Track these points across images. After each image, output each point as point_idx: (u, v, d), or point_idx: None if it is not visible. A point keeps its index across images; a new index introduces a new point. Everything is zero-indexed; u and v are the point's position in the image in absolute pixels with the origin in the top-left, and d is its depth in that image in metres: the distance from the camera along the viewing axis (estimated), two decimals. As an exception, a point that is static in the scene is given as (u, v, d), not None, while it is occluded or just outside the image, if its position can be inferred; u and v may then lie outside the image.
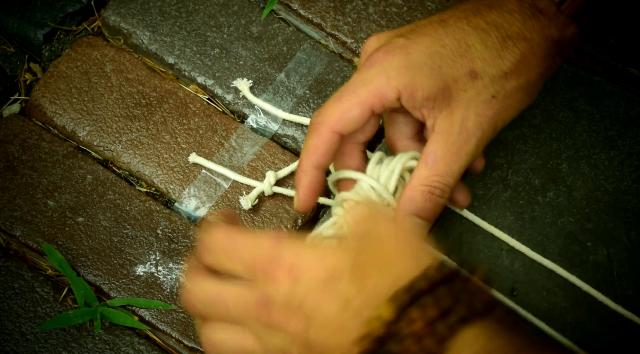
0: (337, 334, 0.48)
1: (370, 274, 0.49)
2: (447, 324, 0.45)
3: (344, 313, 0.48)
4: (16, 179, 0.70)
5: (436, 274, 0.47)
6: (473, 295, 0.47)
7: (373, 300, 0.48)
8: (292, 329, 0.50)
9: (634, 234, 0.68)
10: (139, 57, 0.77)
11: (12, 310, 0.66)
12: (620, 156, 0.71)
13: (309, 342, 0.49)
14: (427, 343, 0.45)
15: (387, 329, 0.46)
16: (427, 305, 0.46)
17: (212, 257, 0.54)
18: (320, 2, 0.78)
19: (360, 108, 0.58)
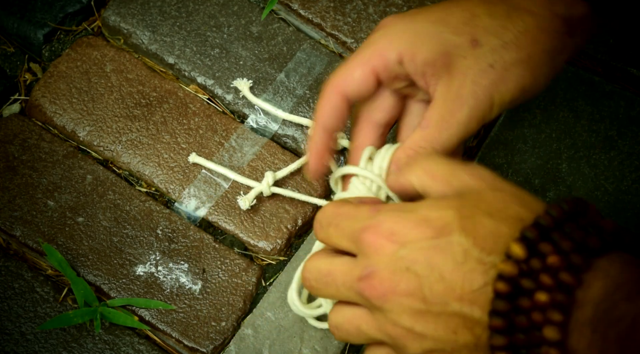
0: (458, 284, 0.47)
1: (482, 223, 0.48)
2: (582, 257, 0.44)
3: (464, 264, 0.47)
4: (16, 179, 0.70)
5: (558, 212, 0.46)
6: (600, 228, 0.46)
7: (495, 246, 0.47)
8: (401, 292, 0.49)
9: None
10: (139, 57, 0.77)
11: (12, 310, 0.66)
12: (620, 156, 0.71)
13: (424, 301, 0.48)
14: (563, 276, 0.44)
15: (519, 267, 0.45)
16: (557, 240, 0.45)
17: (323, 233, 0.54)
18: (320, 2, 0.78)
19: (362, 68, 0.59)
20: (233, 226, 0.70)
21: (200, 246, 0.68)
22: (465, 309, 0.47)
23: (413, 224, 0.49)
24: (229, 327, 0.66)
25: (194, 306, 0.66)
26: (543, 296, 0.44)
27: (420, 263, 0.48)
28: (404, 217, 0.50)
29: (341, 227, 0.53)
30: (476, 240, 0.47)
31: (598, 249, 0.45)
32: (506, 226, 0.47)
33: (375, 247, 0.50)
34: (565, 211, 0.47)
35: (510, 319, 0.45)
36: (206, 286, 0.67)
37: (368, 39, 0.60)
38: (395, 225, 0.50)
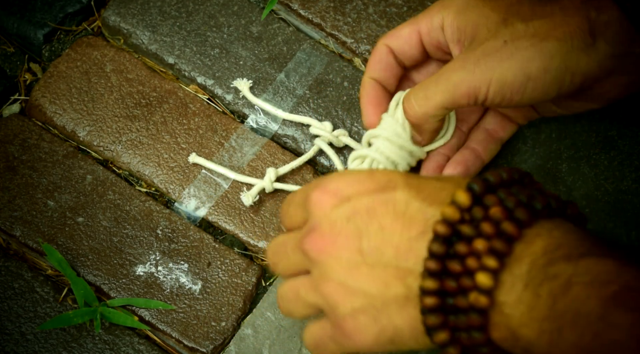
0: (396, 234, 0.47)
1: (427, 182, 0.49)
2: (527, 213, 0.44)
3: (404, 214, 0.47)
4: (16, 179, 0.70)
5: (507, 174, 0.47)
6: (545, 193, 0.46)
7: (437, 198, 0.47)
8: (340, 245, 0.49)
9: (634, 234, 0.68)
10: (139, 57, 0.77)
11: (12, 310, 0.66)
12: (620, 156, 0.71)
13: (361, 253, 0.48)
14: (505, 226, 0.44)
15: (461, 214, 0.45)
16: (503, 196, 0.45)
17: (286, 216, 0.55)
18: (320, 2, 0.78)
19: (410, 28, 0.64)
20: (233, 226, 0.70)
21: (200, 246, 0.68)
22: (400, 258, 0.47)
23: (358, 181, 0.50)
24: (229, 327, 0.66)
25: (194, 306, 0.66)
26: (481, 243, 0.44)
27: (360, 215, 0.48)
28: (351, 175, 0.51)
29: (295, 200, 0.54)
30: (419, 193, 0.48)
31: (542, 210, 0.45)
32: (451, 184, 0.48)
33: (321, 204, 0.50)
34: (514, 177, 0.47)
35: (444, 265, 0.45)
36: (206, 286, 0.67)
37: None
38: (340, 182, 0.50)
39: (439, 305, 0.45)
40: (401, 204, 0.48)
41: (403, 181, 0.49)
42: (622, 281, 0.40)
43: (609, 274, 0.40)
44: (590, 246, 0.43)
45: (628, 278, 0.40)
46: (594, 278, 0.40)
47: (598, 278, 0.40)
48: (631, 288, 0.39)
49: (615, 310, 0.39)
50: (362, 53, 0.76)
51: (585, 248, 0.43)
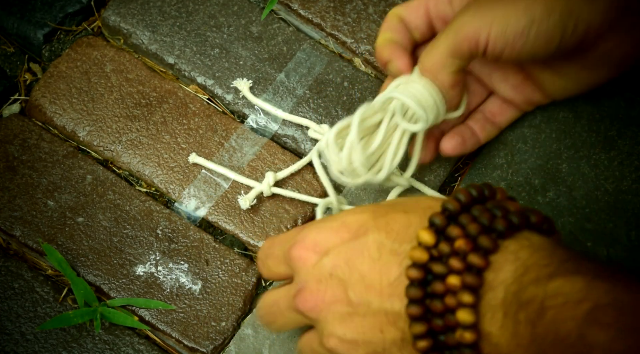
0: (376, 281, 0.48)
1: (395, 219, 0.49)
2: (489, 239, 0.45)
3: (379, 259, 0.48)
4: (16, 179, 0.70)
5: (465, 196, 0.47)
6: (507, 209, 0.47)
7: (405, 236, 0.48)
8: (329, 300, 0.50)
9: (634, 234, 0.68)
10: (139, 57, 0.77)
11: (12, 310, 0.66)
12: (620, 156, 0.71)
13: (350, 304, 0.49)
14: (472, 259, 0.45)
15: (429, 253, 0.46)
16: (465, 223, 0.46)
17: (264, 269, 0.57)
18: (320, 2, 0.78)
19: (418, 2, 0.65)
20: (233, 226, 0.70)
21: (200, 246, 0.68)
22: (386, 304, 0.48)
23: (333, 232, 0.51)
24: (229, 327, 0.66)
25: (194, 306, 0.66)
26: (454, 279, 0.44)
27: (341, 267, 0.50)
28: (325, 226, 0.52)
29: (275, 255, 0.56)
30: (389, 234, 0.49)
31: (505, 230, 0.45)
32: (417, 216, 0.49)
33: (303, 261, 0.52)
34: (473, 195, 0.47)
35: (427, 306, 0.46)
36: (206, 286, 0.67)
37: None
38: (317, 235, 0.52)
39: (433, 345, 0.46)
40: (374, 249, 0.49)
41: (373, 224, 0.50)
42: (593, 297, 0.40)
43: (580, 293, 0.40)
44: (558, 265, 0.43)
45: (599, 294, 0.40)
46: (565, 299, 0.41)
47: (569, 298, 0.40)
48: (603, 304, 0.39)
49: (591, 329, 0.39)
50: (362, 53, 0.76)
51: (554, 267, 0.43)
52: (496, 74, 0.67)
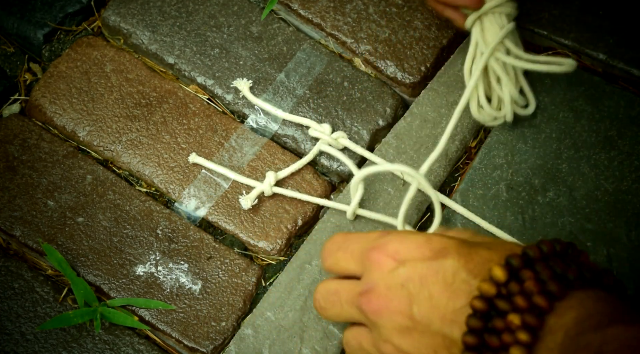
0: (442, 304, 0.49)
1: (477, 252, 0.51)
2: (557, 285, 0.46)
3: (452, 285, 0.50)
4: (16, 179, 0.70)
5: (548, 248, 0.48)
6: (583, 265, 0.48)
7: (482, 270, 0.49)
8: (393, 308, 0.51)
9: (634, 234, 0.68)
10: (139, 57, 0.77)
11: (12, 310, 0.66)
12: (620, 156, 0.71)
13: (412, 319, 0.51)
14: (536, 299, 0.46)
15: (498, 289, 0.47)
16: (539, 269, 0.47)
17: (331, 259, 0.58)
18: (320, 2, 0.78)
19: None
20: (233, 226, 0.70)
21: (200, 246, 0.68)
22: (446, 329, 0.49)
23: (415, 245, 0.52)
24: (229, 327, 0.66)
25: (194, 306, 0.66)
26: (515, 317, 0.46)
27: (413, 281, 0.51)
28: (410, 238, 0.53)
29: (350, 250, 0.57)
30: (467, 264, 0.50)
31: (575, 281, 0.47)
32: (497, 255, 0.50)
33: (379, 264, 0.53)
34: (556, 249, 0.49)
35: (483, 339, 0.47)
36: (206, 286, 0.67)
37: None
38: (399, 245, 0.53)
39: None
40: (450, 274, 0.50)
41: (455, 250, 0.51)
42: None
43: (636, 340, 0.41)
44: (619, 314, 0.44)
45: None
46: (622, 344, 0.41)
47: (627, 343, 0.41)
48: None
49: None
50: (362, 53, 0.76)
51: (615, 316, 0.44)
52: None
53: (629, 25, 0.76)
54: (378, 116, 0.74)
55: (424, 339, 0.50)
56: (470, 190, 0.70)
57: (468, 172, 0.71)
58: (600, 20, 0.77)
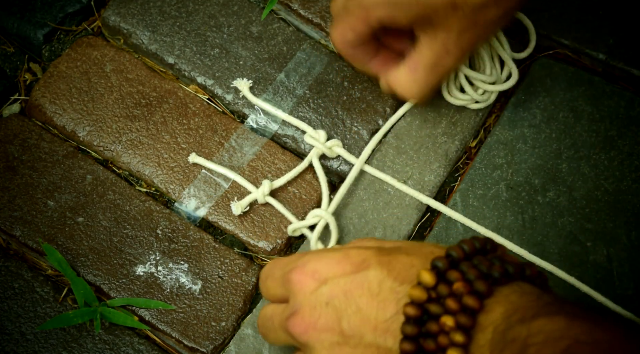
0: (372, 315, 0.50)
1: (398, 259, 0.51)
2: (485, 283, 0.47)
3: (378, 295, 0.50)
4: (16, 179, 0.70)
5: (469, 247, 0.49)
6: (505, 261, 0.49)
7: (407, 276, 0.50)
8: (321, 327, 0.51)
9: (634, 234, 0.68)
10: (139, 57, 0.77)
11: (12, 310, 0.66)
12: (620, 156, 0.71)
13: (342, 334, 0.51)
14: (467, 300, 0.46)
15: (428, 294, 0.48)
16: (465, 270, 0.48)
17: (263, 288, 0.59)
18: (320, 2, 0.78)
19: (353, 31, 0.67)
20: (233, 226, 0.70)
21: (200, 246, 0.68)
22: (379, 339, 0.49)
23: (335, 262, 0.53)
24: (229, 327, 0.66)
25: (194, 306, 0.66)
26: (449, 319, 0.46)
27: (338, 297, 0.51)
28: (328, 256, 0.54)
29: (275, 276, 0.57)
30: (390, 272, 0.50)
31: (501, 277, 0.48)
32: (419, 259, 0.51)
33: (301, 286, 0.53)
34: (476, 247, 0.50)
35: (419, 344, 0.47)
36: (206, 286, 0.67)
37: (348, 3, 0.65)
38: (318, 263, 0.53)
39: None
40: (375, 284, 0.50)
41: (376, 260, 0.51)
42: (572, 335, 0.42)
43: (561, 331, 0.42)
44: (543, 306, 0.45)
45: (578, 332, 0.42)
46: (547, 337, 0.42)
47: (550, 335, 0.42)
48: (581, 341, 0.41)
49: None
50: (362, 53, 0.76)
51: (538, 309, 0.45)
52: None
53: (629, 25, 0.76)
54: (378, 116, 0.74)
55: (356, 352, 0.50)
56: (470, 190, 0.70)
57: (468, 172, 0.71)
58: (600, 20, 0.77)
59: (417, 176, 0.70)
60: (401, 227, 0.69)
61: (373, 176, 0.71)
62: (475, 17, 0.62)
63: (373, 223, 0.69)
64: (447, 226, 0.69)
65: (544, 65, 0.75)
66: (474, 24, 0.62)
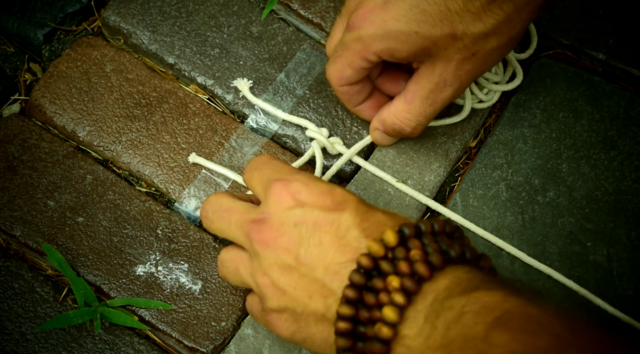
0: (329, 254, 0.52)
1: (374, 214, 0.53)
2: (441, 258, 0.49)
3: (342, 238, 0.52)
4: (16, 179, 0.70)
5: (439, 225, 0.51)
6: (465, 246, 0.51)
7: (374, 231, 0.52)
8: (281, 244, 0.54)
9: (634, 234, 0.68)
10: (139, 57, 0.77)
11: (12, 310, 0.66)
12: (620, 156, 0.71)
13: (297, 259, 0.53)
14: (419, 267, 0.48)
15: (385, 252, 0.50)
16: (426, 242, 0.50)
17: (248, 174, 0.61)
18: (320, 2, 0.78)
19: (351, 68, 0.65)
20: (233, 226, 0.70)
21: (200, 246, 0.68)
22: (327, 278, 0.52)
23: (318, 191, 0.55)
24: (229, 327, 0.66)
25: (194, 306, 0.66)
26: (395, 280, 0.48)
27: (307, 225, 0.53)
28: (315, 184, 0.55)
29: (263, 172, 0.59)
30: (362, 222, 0.52)
31: (457, 258, 0.49)
32: (391, 222, 0.53)
33: (278, 198, 0.55)
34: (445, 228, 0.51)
35: (361, 295, 0.49)
36: (206, 286, 0.67)
37: (345, 38, 0.64)
38: (303, 186, 0.55)
39: (350, 330, 0.49)
40: (343, 228, 0.52)
41: (354, 206, 0.54)
42: (505, 307, 0.44)
43: (496, 303, 0.44)
44: (484, 281, 0.47)
45: (511, 305, 0.44)
46: (482, 307, 0.44)
47: (486, 306, 0.44)
48: (512, 312, 0.43)
49: (496, 331, 0.43)
50: (362, 53, 0.76)
51: (480, 283, 0.47)
52: None
53: (629, 25, 0.76)
54: (378, 116, 0.74)
55: (302, 281, 0.52)
56: (470, 190, 0.70)
57: (468, 172, 0.71)
58: (600, 20, 0.77)
59: (417, 175, 0.70)
60: (401, 227, 0.69)
61: (373, 176, 0.71)
62: (475, 47, 0.61)
63: (373, 223, 0.69)
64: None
65: (544, 65, 0.75)
66: (473, 55, 0.61)
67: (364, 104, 0.69)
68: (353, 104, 0.69)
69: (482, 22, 0.60)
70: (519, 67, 0.73)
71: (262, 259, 0.54)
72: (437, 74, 0.62)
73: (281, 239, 0.54)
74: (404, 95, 0.65)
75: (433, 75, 0.63)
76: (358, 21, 0.62)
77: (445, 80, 0.63)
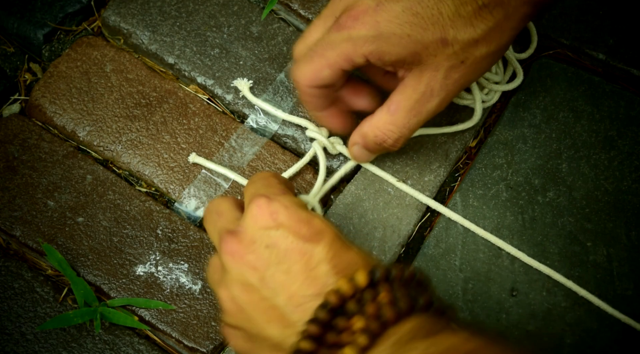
0: (295, 285, 0.51)
1: (348, 252, 0.53)
2: (408, 304, 0.48)
3: (312, 270, 0.51)
4: (16, 179, 0.70)
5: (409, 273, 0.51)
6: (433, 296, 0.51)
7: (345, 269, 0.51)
8: (248, 261, 0.53)
9: (634, 234, 0.68)
10: (139, 57, 0.77)
11: (12, 310, 0.66)
12: (620, 156, 0.71)
13: (262, 281, 0.52)
14: (385, 311, 0.48)
15: (354, 291, 0.49)
16: (395, 287, 0.50)
17: (247, 184, 0.60)
18: (320, 2, 0.78)
19: (330, 69, 0.61)
20: (233, 226, 0.70)
21: (200, 246, 0.68)
22: (288, 309, 0.51)
23: (297, 218, 0.54)
24: (229, 327, 0.66)
25: (194, 306, 0.66)
26: (359, 321, 0.48)
27: (278, 250, 0.52)
28: (295, 209, 0.55)
29: (255, 186, 0.59)
30: (333, 258, 0.52)
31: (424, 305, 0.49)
32: (364, 262, 0.52)
33: (257, 215, 0.54)
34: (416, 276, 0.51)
35: (323, 333, 0.48)
36: (206, 286, 0.67)
37: (330, 38, 0.61)
38: (283, 208, 0.54)
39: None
40: (314, 261, 0.52)
41: (330, 240, 0.53)
42: (468, 348, 0.44)
43: (459, 344, 0.44)
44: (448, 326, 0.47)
45: (474, 345, 0.44)
46: (445, 349, 0.44)
47: (450, 348, 0.44)
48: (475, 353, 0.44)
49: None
50: (362, 53, 0.76)
51: (444, 326, 0.47)
52: None
53: (629, 25, 0.76)
54: (378, 116, 0.74)
55: (262, 304, 0.52)
56: (470, 190, 0.70)
57: (468, 172, 0.71)
58: (600, 20, 0.77)
59: (417, 175, 0.70)
60: (401, 227, 0.69)
61: (373, 176, 0.71)
62: (465, 54, 0.60)
63: (373, 223, 0.69)
64: (447, 226, 0.69)
65: (544, 65, 0.75)
66: (462, 63, 0.60)
67: (326, 111, 0.67)
68: (316, 109, 0.66)
69: (473, 28, 0.59)
70: (519, 67, 0.73)
71: (227, 272, 0.54)
72: (424, 83, 0.61)
73: (249, 256, 0.53)
74: (387, 106, 0.62)
75: (420, 84, 0.61)
76: (350, 21, 0.60)
77: (432, 90, 0.61)
